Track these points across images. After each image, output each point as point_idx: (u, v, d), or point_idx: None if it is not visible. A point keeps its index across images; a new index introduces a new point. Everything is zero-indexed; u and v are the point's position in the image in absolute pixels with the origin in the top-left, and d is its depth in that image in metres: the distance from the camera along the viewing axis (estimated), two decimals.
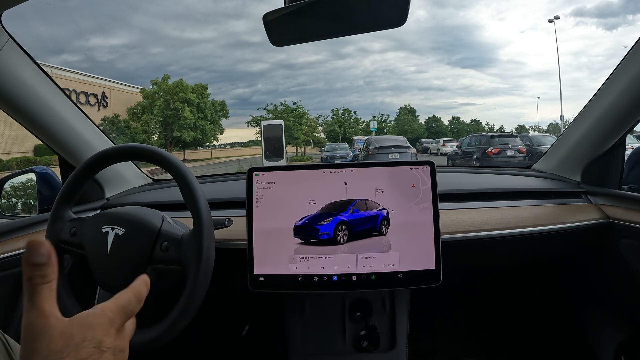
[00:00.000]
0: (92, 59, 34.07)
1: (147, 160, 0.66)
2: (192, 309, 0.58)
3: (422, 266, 0.72)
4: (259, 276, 0.73)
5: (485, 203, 0.90)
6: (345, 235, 0.73)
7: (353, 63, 51.35)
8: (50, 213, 0.69)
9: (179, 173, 0.62)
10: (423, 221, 0.73)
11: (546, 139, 10.66)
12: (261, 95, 46.07)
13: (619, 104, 0.81)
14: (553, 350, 1.13)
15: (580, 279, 1.02)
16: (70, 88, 18.02)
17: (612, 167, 0.92)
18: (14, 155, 13.03)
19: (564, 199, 0.93)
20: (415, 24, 51.10)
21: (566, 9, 52.68)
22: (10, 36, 0.72)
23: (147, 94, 21.88)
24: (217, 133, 24.50)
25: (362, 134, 27.28)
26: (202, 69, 44.50)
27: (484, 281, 1.20)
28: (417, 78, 50.88)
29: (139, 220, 0.65)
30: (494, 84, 51.14)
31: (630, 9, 44.94)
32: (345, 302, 0.87)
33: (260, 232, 0.74)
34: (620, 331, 0.92)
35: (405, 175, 0.74)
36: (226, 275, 0.76)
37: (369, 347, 0.84)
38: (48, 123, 0.84)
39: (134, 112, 21.73)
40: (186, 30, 45.41)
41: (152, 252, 0.63)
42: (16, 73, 0.74)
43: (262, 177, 0.75)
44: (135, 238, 0.63)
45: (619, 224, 0.83)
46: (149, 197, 1.02)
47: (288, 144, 21.51)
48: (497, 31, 55.44)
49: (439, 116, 38.46)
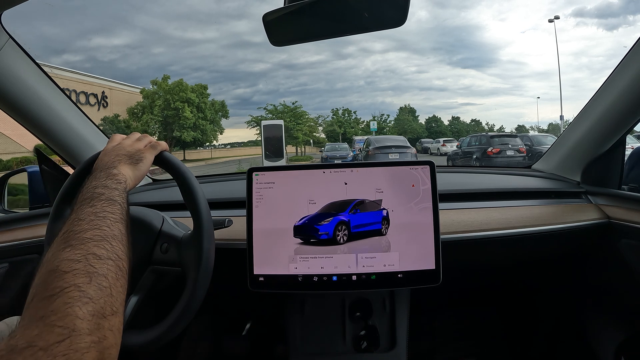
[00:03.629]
0: (94, 58, 34.13)
1: None
2: (192, 309, 0.58)
3: (422, 266, 0.72)
4: (258, 276, 0.73)
5: (485, 203, 0.90)
6: (345, 235, 0.73)
7: (354, 63, 51.42)
8: (50, 212, 0.69)
9: (179, 173, 0.62)
10: (423, 221, 0.73)
11: (546, 139, 10.65)
12: (262, 95, 46.13)
13: (619, 104, 0.81)
14: (553, 350, 1.13)
15: (580, 279, 1.02)
16: (70, 88, 18.03)
17: (612, 167, 0.92)
18: (14, 155, 13.02)
19: (564, 199, 0.93)
20: (416, 24, 51.15)
21: (567, 10, 52.74)
22: (10, 36, 0.72)
23: (147, 94, 21.88)
24: (217, 133, 24.52)
25: (362, 134, 27.28)
26: (204, 69, 44.58)
27: (484, 281, 1.20)
28: (418, 78, 50.95)
29: (139, 221, 0.65)
30: (494, 84, 51.20)
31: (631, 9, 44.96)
32: (345, 302, 0.87)
33: (260, 232, 0.74)
34: (620, 331, 0.92)
35: (405, 175, 0.74)
36: (226, 275, 0.76)
37: (368, 347, 0.84)
38: (48, 123, 0.84)
39: (134, 112, 21.73)
40: (188, 30, 45.49)
41: (152, 253, 0.63)
42: (16, 73, 0.74)
43: (262, 177, 0.75)
44: (135, 238, 0.63)
45: (619, 224, 0.83)
46: (149, 197, 1.02)
47: (288, 144, 21.50)
48: (498, 32, 55.53)
49: (439, 116, 38.53)
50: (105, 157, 0.50)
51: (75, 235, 0.32)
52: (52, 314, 0.26)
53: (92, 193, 0.39)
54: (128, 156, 0.50)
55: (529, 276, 1.17)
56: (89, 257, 0.31)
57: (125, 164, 0.48)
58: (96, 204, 0.38)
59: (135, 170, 0.49)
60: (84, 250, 0.31)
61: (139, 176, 0.50)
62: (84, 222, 0.34)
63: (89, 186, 0.41)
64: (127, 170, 0.47)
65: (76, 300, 0.27)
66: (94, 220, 0.35)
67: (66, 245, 0.31)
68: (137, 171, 0.49)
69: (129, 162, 0.49)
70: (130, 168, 0.48)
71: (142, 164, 0.50)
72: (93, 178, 0.43)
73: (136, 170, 0.49)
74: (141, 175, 0.50)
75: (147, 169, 0.52)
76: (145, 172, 0.52)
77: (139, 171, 0.49)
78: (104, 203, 0.38)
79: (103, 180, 0.42)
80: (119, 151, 0.50)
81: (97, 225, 0.34)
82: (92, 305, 0.28)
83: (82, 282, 0.28)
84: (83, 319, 0.27)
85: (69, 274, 0.28)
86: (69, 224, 0.34)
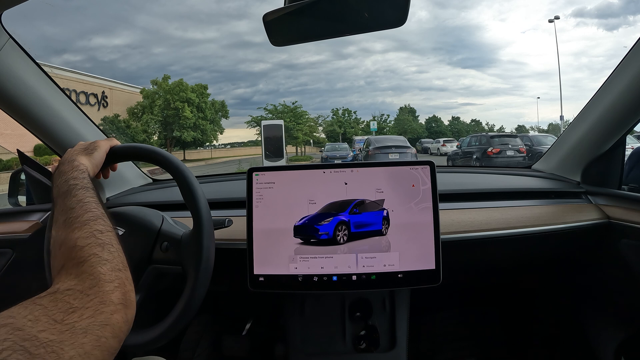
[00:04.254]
0: (94, 58, 34.12)
1: (146, 160, 0.66)
2: (192, 309, 0.58)
3: (422, 266, 0.72)
4: (259, 276, 0.73)
5: (485, 203, 0.90)
6: (345, 235, 0.73)
7: (355, 63, 51.42)
8: (50, 212, 0.69)
9: (179, 173, 0.62)
10: (423, 221, 0.73)
11: (546, 139, 10.65)
12: (262, 95, 46.13)
13: (619, 104, 0.81)
14: (553, 350, 1.13)
15: (580, 279, 1.02)
16: (70, 88, 18.03)
17: (612, 167, 0.92)
18: (14, 155, 13.03)
19: (564, 199, 0.93)
20: (417, 24, 51.16)
21: (567, 10, 52.75)
22: (10, 36, 0.72)
23: (147, 93, 21.87)
24: (217, 133, 24.51)
25: (362, 134, 27.29)
26: (204, 69, 44.59)
27: (484, 281, 1.20)
28: (418, 78, 50.96)
29: (139, 220, 0.65)
30: (494, 84, 51.21)
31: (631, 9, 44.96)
32: (345, 302, 0.87)
33: (260, 232, 0.74)
34: (620, 331, 0.92)
35: (405, 175, 0.74)
36: (226, 275, 0.76)
37: (369, 347, 0.84)
38: (48, 123, 0.84)
39: (134, 112, 21.72)
40: (189, 30, 45.50)
41: (152, 252, 0.63)
42: (16, 73, 0.74)
43: (262, 177, 0.75)
44: (135, 238, 0.63)
45: (619, 224, 0.83)
46: (149, 197, 1.02)
47: (288, 144, 21.50)
48: (498, 32, 55.56)
49: (439, 116, 38.53)
50: (66, 154, 0.58)
51: (76, 220, 0.42)
52: (82, 273, 0.36)
53: (68, 186, 0.48)
54: (84, 148, 0.58)
55: (529, 276, 1.17)
56: (95, 232, 0.41)
57: (81, 155, 0.56)
58: (76, 193, 0.46)
59: (91, 159, 0.56)
60: (89, 228, 0.41)
61: (95, 164, 0.57)
62: (76, 209, 0.44)
63: (61, 180, 0.49)
64: (85, 160, 0.55)
65: (97, 263, 0.37)
66: (83, 206, 0.44)
67: (72, 228, 0.41)
68: (93, 159, 0.56)
69: (85, 153, 0.56)
70: (87, 158, 0.56)
71: (97, 153, 0.57)
72: (61, 172, 0.51)
73: (92, 159, 0.56)
74: (97, 163, 0.57)
75: (103, 157, 0.59)
76: (101, 160, 0.58)
77: (95, 159, 0.57)
78: (81, 190, 0.47)
79: (70, 173, 0.50)
80: (77, 148, 0.59)
81: (87, 210, 0.44)
82: (109, 264, 0.38)
83: (97, 251, 0.39)
84: (105, 273, 0.37)
85: (85, 247, 0.39)
86: (64, 213, 0.44)
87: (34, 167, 0.91)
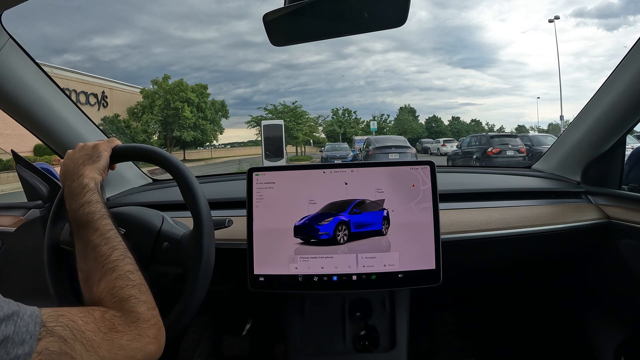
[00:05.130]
0: (94, 58, 34.00)
1: (147, 161, 0.66)
2: (192, 309, 0.58)
3: (422, 266, 0.72)
4: (259, 276, 0.73)
5: (485, 203, 0.90)
6: (345, 235, 0.73)
7: (355, 63, 51.34)
8: (50, 214, 0.69)
9: (179, 173, 0.62)
10: (423, 221, 0.73)
11: (546, 139, 10.66)
12: (262, 95, 46.05)
13: (619, 104, 0.81)
14: (553, 350, 1.13)
15: (580, 279, 1.02)
16: (70, 88, 18.01)
17: (612, 167, 0.92)
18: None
19: (564, 199, 0.93)
20: (417, 24, 51.08)
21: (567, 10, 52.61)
22: (10, 36, 0.72)
23: (147, 93, 21.86)
24: (217, 133, 24.50)
25: (362, 134, 27.27)
26: (204, 69, 44.49)
27: (484, 281, 1.20)
28: (418, 78, 50.88)
29: (139, 221, 0.65)
30: (494, 84, 51.13)
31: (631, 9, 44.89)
32: (345, 302, 0.87)
33: (260, 232, 0.74)
34: (620, 331, 0.92)
35: (405, 175, 0.74)
36: (226, 275, 0.76)
37: (369, 347, 0.84)
38: (48, 123, 0.84)
39: (134, 112, 21.71)
40: (189, 30, 45.39)
41: (153, 252, 0.63)
42: (16, 73, 0.74)
43: (262, 177, 0.75)
44: (135, 238, 0.63)
45: (619, 224, 0.83)
46: (149, 197, 1.02)
47: (288, 144, 21.50)
48: (498, 32, 55.41)
49: (439, 116, 38.45)
50: (69, 162, 0.56)
51: (105, 261, 0.46)
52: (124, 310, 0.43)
53: (86, 217, 0.49)
54: (87, 156, 0.56)
55: (529, 276, 1.17)
56: (127, 274, 0.46)
57: (87, 165, 0.55)
58: (97, 227, 0.49)
59: (97, 168, 0.55)
60: (121, 270, 0.46)
61: (101, 172, 0.56)
62: (102, 247, 0.47)
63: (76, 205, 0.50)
64: (91, 172, 0.54)
65: (136, 304, 0.44)
66: (108, 242, 0.48)
67: (105, 270, 0.46)
68: (99, 168, 0.56)
69: (90, 161, 0.55)
70: (93, 168, 0.55)
71: (102, 160, 0.57)
72: (73, 194, 0.51)
73: (98, 168, 0.56)
74: (103, 169, 0.57)
75: (107, 163, 0.58)
76: (106, 166, 0.58)
77: (100, 167, 0.56)
78: (100, 221, 0.49)
79: (83, 197, 0.51)
80: (79, 153, 0.57)
81: (113, 247, 0.47)
82: (145, 305, 0.45)
83: (134, 292, 0.45)
84: (143, 312, 0.43)
85: (124, 288, 0.44)
86: (92, 249, 0.47)
87: (26, 167, 0.92)
